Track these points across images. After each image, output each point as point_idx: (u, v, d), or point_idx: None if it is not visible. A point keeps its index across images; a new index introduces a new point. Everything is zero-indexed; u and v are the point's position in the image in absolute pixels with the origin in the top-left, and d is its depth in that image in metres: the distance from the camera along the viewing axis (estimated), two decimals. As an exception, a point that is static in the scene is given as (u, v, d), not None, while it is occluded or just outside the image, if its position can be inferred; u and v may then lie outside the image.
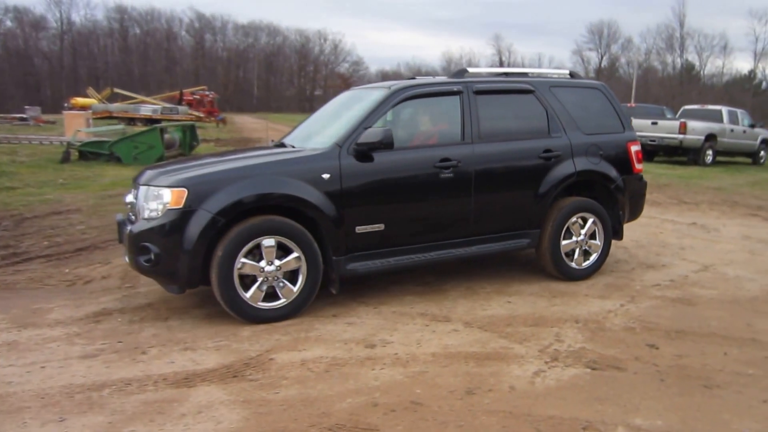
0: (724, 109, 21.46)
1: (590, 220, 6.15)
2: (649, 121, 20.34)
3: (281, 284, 4.93)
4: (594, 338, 4.62)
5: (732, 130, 20.74)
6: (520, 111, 6.08)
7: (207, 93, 55.26)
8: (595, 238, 6.23)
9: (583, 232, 6.13)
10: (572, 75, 6.65)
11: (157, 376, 3.95)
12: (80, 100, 50.92)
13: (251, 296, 4.83)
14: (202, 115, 46.20)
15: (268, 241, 4.80)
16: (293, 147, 5.67)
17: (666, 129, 19.94)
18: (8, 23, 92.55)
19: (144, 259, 4.73)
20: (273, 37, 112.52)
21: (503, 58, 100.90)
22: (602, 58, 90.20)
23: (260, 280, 4.85)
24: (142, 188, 4.97)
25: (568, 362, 4.17)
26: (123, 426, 3.35)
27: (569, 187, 6.11)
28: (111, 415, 3.47)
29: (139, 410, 3.51)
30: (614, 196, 6.34)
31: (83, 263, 6.66)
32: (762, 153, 22.16)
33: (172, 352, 4.33)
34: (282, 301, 4.94)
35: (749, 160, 22.21)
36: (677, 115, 22.63)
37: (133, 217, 5.12)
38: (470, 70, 6.10)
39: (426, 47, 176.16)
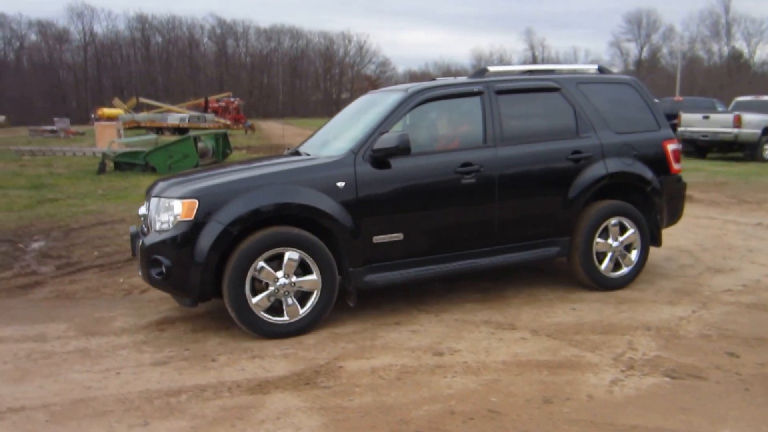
0: None
1: (625, 225, 5.78)
2: (699, 116, 19.19)
3: (289, 301, 4.71)
4: (668, 346, 4.49)
5: None
6: (546, 111, 5.76)
7: (232, 99, 55.41)
8: (631, 245, 5.85)
9: (618, 238, 5.76)
10: (601, 70, 6.30)
11: (230, 382, 3.94)
12: (107, 111, 51.68)
13: (257, 302, 4.62)
14: (229, 122, 46.22)
15: (292, 254, 4.65)
16: (308, 155, 5.50)
17: (719, 123, 18.73)
18: (33, 37, 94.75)
19: (156, 272, 4.58)
20: (296, 40, 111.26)
21: (536, 54, 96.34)
22: (642, 48, 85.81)
23: (270, 289, 4.64)
24: (153, 200, 4.86)
25: (645, 371, 4.07)
26: (206, 430, 3.36)
27: (601, 190, 5.72)
28: (192, 419, 3.48)
29: (219, 416, 3.51)
30: (651, 198, 5.94)
31: (136, 273, 6.65)
32: None
33: (240, 359, 4.32)
34: (286, 319, 4.73)
35: None
36: (730, 108, 21.15)
37: (145, 230, 5.04)
38: (491, 69, 5.85)
39: (454, 45, 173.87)
